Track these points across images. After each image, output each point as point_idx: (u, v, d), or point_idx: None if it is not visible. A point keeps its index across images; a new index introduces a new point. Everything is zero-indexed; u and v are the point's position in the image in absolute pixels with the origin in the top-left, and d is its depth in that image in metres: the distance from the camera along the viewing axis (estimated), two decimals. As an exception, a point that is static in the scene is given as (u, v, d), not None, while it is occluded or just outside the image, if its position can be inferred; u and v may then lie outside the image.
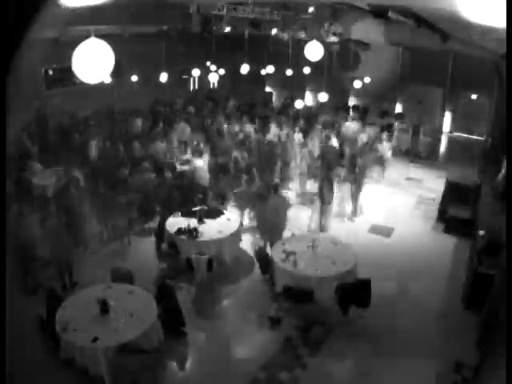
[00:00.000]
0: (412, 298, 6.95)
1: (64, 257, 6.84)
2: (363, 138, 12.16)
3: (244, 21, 11.87)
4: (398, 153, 13.27)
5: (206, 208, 8.19)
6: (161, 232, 7.61)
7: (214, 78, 14.29)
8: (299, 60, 12.30)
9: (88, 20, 5.96)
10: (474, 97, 15.44)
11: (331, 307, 6.20)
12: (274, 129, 12.28)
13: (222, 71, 15.09)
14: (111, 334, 4.91)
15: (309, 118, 14.10)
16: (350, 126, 13.17)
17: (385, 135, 11.98)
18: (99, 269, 7.03)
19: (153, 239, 7.79)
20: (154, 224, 8.38)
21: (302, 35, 11.74)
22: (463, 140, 15.75)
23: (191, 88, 18.01)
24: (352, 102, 17.66)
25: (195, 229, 7.23)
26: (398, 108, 16.76)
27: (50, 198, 8.19)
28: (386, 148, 11.62)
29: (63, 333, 4.90)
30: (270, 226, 7.41)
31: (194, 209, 8.10)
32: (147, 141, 11.12)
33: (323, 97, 12.09)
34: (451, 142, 15.92)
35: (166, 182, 8.97)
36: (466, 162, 11.69)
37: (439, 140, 15.62)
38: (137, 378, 4.69)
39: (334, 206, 9.15)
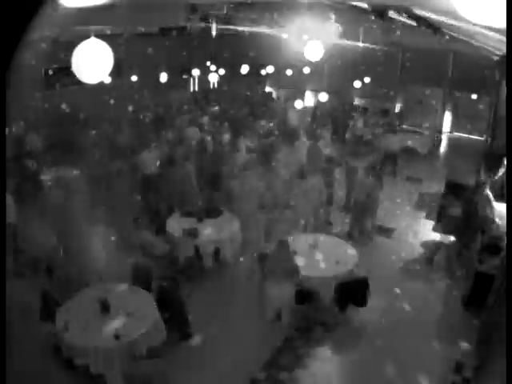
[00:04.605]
0: (412, 297, 6.95)
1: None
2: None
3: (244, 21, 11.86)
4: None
5: (206, 208, 8.19)
6: (160, 232, 7.61)
7: (213, 78, 14.31)
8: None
9: (88, 20, 5.95)
10: (474, 97, 15.44)
11: (331, 307, 6.20)
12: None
13: (222, 71, 15.12)
14: (112, 333, 4.91)
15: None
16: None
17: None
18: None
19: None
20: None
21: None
22: (463, 140, 15.75)
23: (191, 88, 18.02)
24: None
25: (195, 229, 7.23)
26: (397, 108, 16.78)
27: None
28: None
29: (64, 332, 4.91)
30: None
31: (193, 208, 8.10)
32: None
33: (323, 97, 12.12)
34: (451, 141, 15.92)
35: None
36: (465, 162, 11.68)
37: (439, 140, 15.61)
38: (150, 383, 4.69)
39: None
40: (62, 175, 8.99)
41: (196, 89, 17.80)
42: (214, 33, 10.07)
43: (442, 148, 15.48)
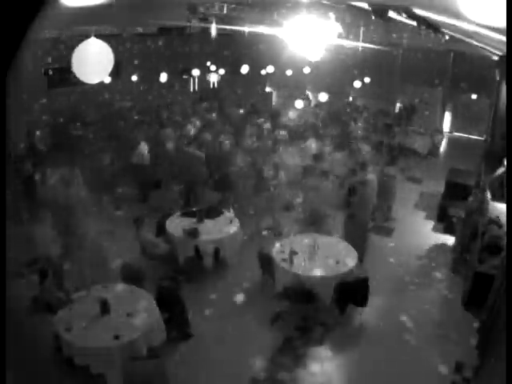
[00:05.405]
0: (412, 297, 6.96)
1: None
2: None
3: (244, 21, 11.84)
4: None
5: (206, 207, 8.21)
6: (160, 232, 7.61)
7: (213, 78, 14.33)
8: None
9: (88, 20, 5.95)
10: (474, 97, 15.44)
11: (331, 307, 6.20)
12: None
13: (222, 71, 15.14)
14: (112, 333, 4.91)
15: None
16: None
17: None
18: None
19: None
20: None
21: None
22: (463, 140, 15.75)
23: (191, 88, 18.02)
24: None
25: (195, 228, 7.24)
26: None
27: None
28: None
29: (64, 332, 4.91)
30: None
31: (193, 208, 8.12)
32: None
33: (323, 97, 12.15)
34: (451, 141, 15.92)
35: None
36: (465, 162, 11.69)
37: (439, 140, 15.61)
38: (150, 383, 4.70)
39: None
40: (63, 175, 8.97)
41: (196, 89, 17.83)
42: (213, 33, 10.05)
43: (442, 148, 15.47)
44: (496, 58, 9.33)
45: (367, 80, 15.31)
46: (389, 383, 5.38)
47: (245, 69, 13.43)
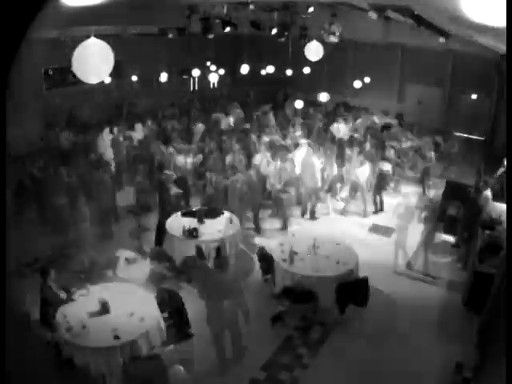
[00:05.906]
0: (412, 297, 6.95)
1: None
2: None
3: (244, 21, 11.84)
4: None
5: (206, 208, 8.21)
6: (160, 232, 7.61)
7: (213, 78, 14.32)
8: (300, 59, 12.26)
9: (88, 20, 5.96)
10: (474, 97, 15.42)
11: (331, 307, 6.20)
12: None
13: (221, 71, 15.13)
14: (112, 333, 4.91)
15: None
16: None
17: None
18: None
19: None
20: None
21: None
22: (463, 140, 15.72)
23: (191, 88, 17.98)
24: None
25: (195, 229, 7.23)
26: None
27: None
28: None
29: (65, 333, 4.91)
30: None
31: (193, 209, 8.12)
32: None
33: (323, 97, 12.15)
34: (451, 142, 15.89)
35: None
36: (465, 162, 11.69)
37: (439, 140, 15.59)
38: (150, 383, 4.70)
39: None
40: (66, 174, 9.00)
41: (196, 88, 17.80)
42: (213, 33, 10.06)
43: (442, 148, 15.44)
44: (496, 57, 9.33)
45: (367, 80, 15.27)
46: (389, 383, 5.38)
47: (245, 69, 13.41)
